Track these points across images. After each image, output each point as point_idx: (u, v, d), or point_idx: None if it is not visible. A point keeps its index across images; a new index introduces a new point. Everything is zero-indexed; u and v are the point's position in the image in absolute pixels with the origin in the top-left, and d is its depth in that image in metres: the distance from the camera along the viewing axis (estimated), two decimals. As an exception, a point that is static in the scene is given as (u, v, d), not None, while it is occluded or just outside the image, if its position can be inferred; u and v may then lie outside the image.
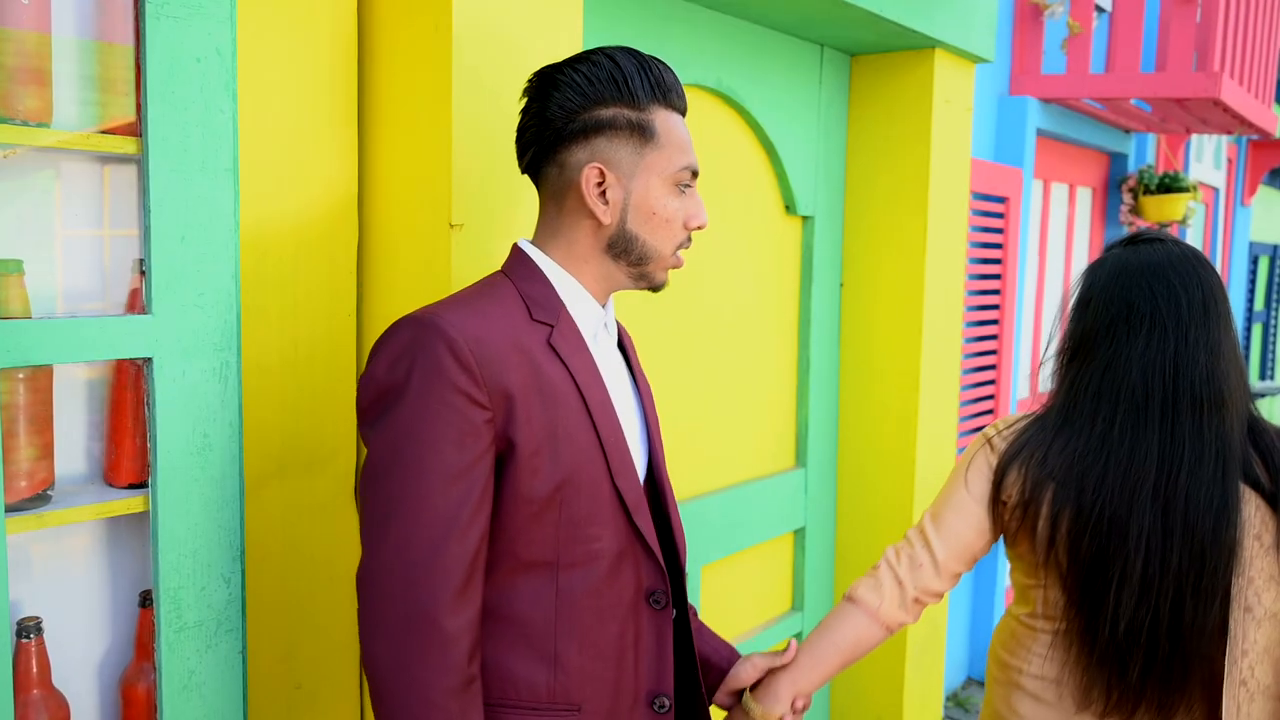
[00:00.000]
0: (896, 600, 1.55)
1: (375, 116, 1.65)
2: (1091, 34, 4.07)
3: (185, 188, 1.24)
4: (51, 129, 1.21)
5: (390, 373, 1.16)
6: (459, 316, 1.18)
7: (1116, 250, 1.59)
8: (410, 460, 1.13)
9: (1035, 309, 4.59)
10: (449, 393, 1.14)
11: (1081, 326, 1.55)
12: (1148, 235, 1.59)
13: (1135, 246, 1.56)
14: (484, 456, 1.16)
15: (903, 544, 1.59)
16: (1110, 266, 1.56)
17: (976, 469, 1.58)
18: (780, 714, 1.50)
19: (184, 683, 1.29)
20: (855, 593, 1.57)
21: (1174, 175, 4.88)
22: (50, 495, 1.26)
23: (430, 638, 1.11)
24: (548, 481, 1.20)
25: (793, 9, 2.33)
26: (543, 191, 1.33)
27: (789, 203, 2.67)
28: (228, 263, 1.29)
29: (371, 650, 1.13)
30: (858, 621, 1.56)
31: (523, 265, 1.30)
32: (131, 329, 1.22)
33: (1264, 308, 9.22)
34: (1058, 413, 1.54)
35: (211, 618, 1.31)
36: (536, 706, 1.23)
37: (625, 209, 1.28)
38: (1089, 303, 1.55)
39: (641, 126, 1.27)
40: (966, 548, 1.57)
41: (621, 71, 1.25)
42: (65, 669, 1.31)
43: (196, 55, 1.23)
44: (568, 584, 1.24)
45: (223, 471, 1.31)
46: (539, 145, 1.29)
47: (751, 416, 2.63)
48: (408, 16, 1.57)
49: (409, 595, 1.12)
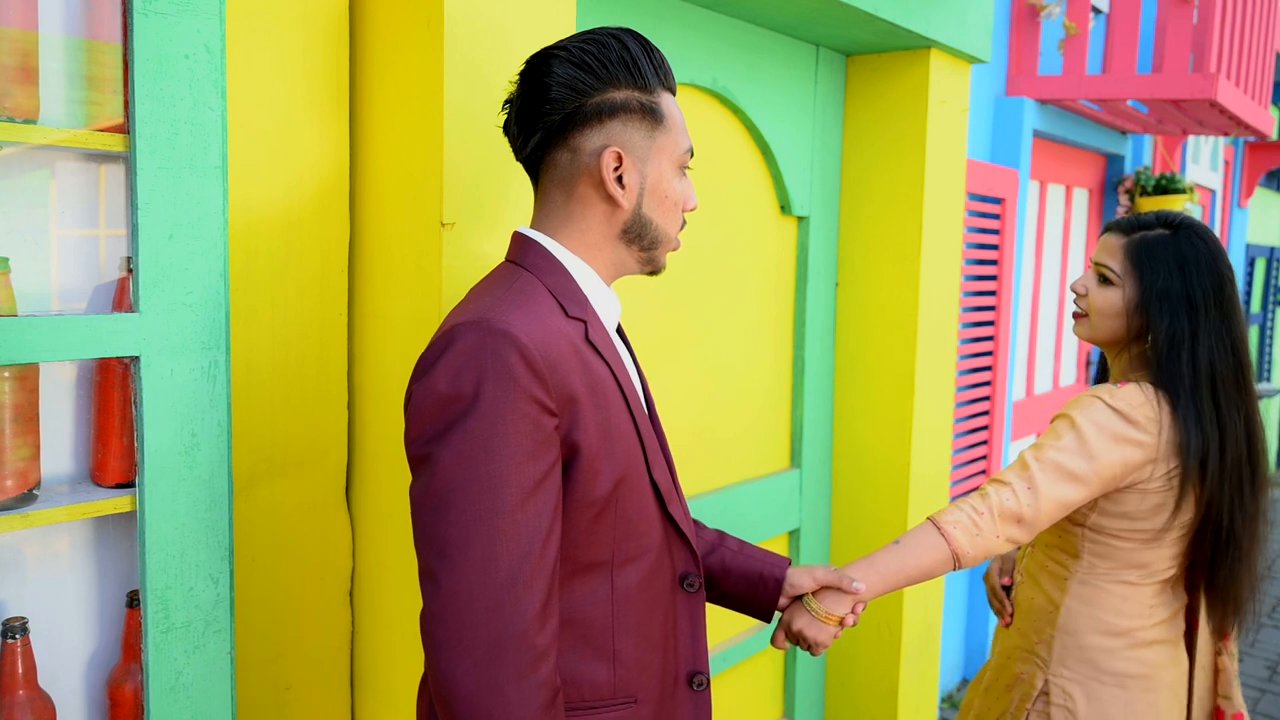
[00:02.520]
0: (977, 542, 1.63)
1: (367, 114, 1.64)
2: (1088, 35, 4.07)
3: (173, 185, 1.23)
4: (39, 126, 1.20)
5: (455, 383, 1.08)
6: (520, 320, 1.12)
7: (1191, 228, 1.75)
8: (485, 476, 1.07)
9: (1031, 310, 4.59)
10: (523, 402, 1.09)
11: (1184, 307, 1.70)
12: (1182, 218, 1.77)
13: (1194, 227, 1.75)
14: (555, 465, 1.13)
15: (1003, 487, 1.66)
16: (1207, 247, 1.73)
17: (1128, 458, 1.66)
18: (842, 615, 1.57)
19: (171, 683, 1.28)
20: (942, 522, 1.64)
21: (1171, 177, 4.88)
22: (37, 495, 1.25)
23: (523, 657, 1.07)
24: (606, 482, 1.19)
25: (788, 8, 2.32)
26: (547, 177, 1.28)
27: (784, 203, 2.66)
28: (216, 261, 1.28)
29: (454, 677, 1.05)
30: (934, 550, 1.63)
31: (543, 258, 1.25)
32: (119, 327, 1.21)
33: (1260, 310, 9.23)
34: (1188, 391, 1.68)
35: (199, 618, 1.30)
36: (598, 705, 1.23)
37: (641, 193, 1.26)
38: (1202, 288, 1.71)
39: (652, 109, 1.25)
40: (1067, 508, 1.68)
41: (630, 54, 1.23)
42: (51, 670, 1.31)
43: (185, 52, 1.23)
44: (622, 581, 1.24)
45: (211, 471, 1.30)
46: (546, 130, 1.24)
47: (746, 417, 2.63)
48: (400, 14, 1.56)
49: (497, 616, 1.06)
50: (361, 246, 1.67)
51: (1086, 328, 1.84)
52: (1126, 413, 1.67)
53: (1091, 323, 1.82)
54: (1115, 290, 1.77)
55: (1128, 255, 1.76)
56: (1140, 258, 1.74)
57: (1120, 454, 1.66)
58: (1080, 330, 1.86)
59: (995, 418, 3.96)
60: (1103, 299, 1.79)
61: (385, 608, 1.68)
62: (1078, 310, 1.86)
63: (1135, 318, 1.76)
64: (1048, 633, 1.81)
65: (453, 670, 1.05)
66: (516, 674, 1.06)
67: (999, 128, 4.08)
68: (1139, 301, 1.74)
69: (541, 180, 1.29)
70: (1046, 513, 1.65)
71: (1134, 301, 1.75)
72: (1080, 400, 1.72)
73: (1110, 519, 1.73)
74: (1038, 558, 1.87)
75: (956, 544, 1.62)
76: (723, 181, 2.45)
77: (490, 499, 1.07)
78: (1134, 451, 1.66)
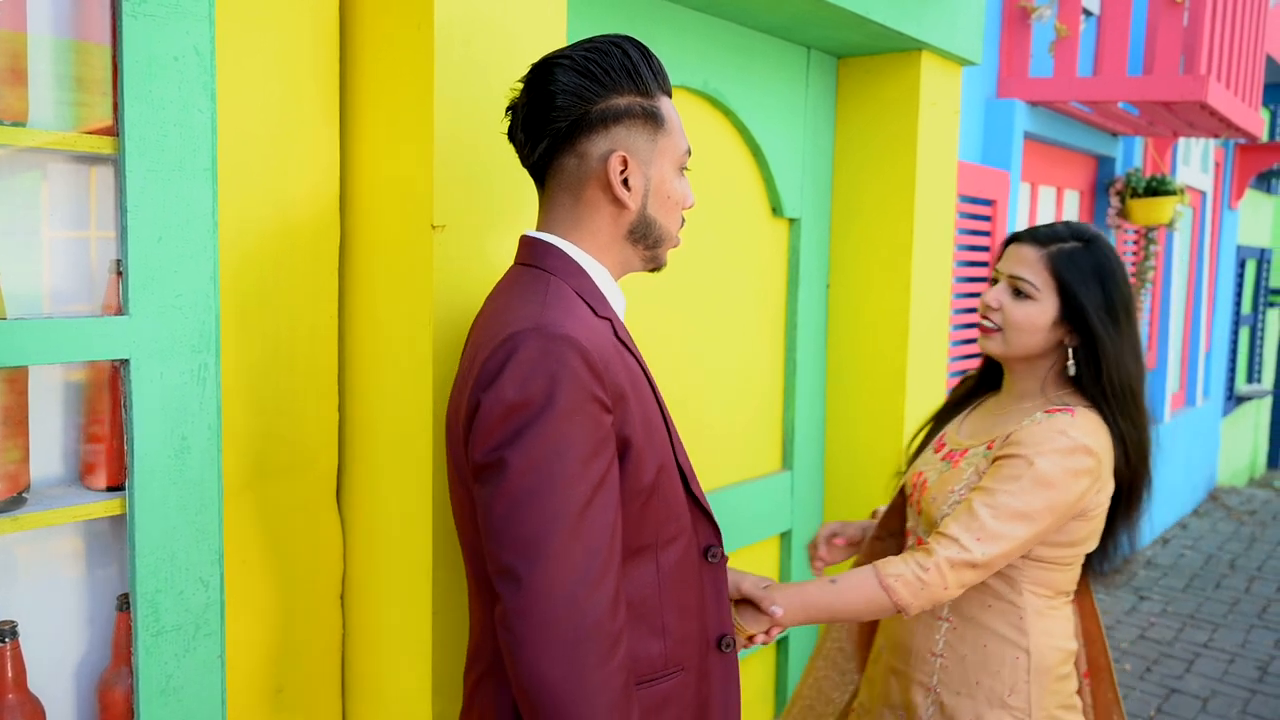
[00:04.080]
0: (922, 594, 1.60)
1: (357, 116, 1.64)
2: (1079, 37, 4.08)
3: (163, 188, 1.23)
4: (27, 129, 1.20)
5: (522, 389, 1.14)
6: (572, 323, 1.18)
7: (1102, 244, 1.71)
8: (559, 476, 1.13)
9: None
10: (587, 403, 1.15)
11: (1107, 320, 1.67)
12: (1090, 230, 1.74)
13: (1102, 238, 1.72)
14: (614, 460, 1.19)
15: (949, 543, 1.60)
16: (1116, 259, 1.71)
17: (1086, 490, 1.64)
18: (753, 633, 1.58)
19: (162, 687, 1.28)
20: (885, 575, 1.60)
21: (1161, 178, 4.89)
22: (26, 498, 1.25)
23: (602, 645, 1.13)
24: (650, 471, 1.26)
25: (779, 11, 2.32)
26: (554, 182, 1.33)
27: (775, 205, 2.66)
28: (206, 263, 1.27)
29: (540, 669, 1.11)
30: (872, 600, 1.60)
31: (563, 261, 1.30)
32: (108, 330, 1.21)
33: (1251, 311, 9.26)
34: (1116, 410, 1.68)
35: (190, 621, 1.30)
36: (654, 677, 1.29)
37: (646, 194, 1.32)
38: (1119, 300, 1.69)
39: (653, 114, 1.31)
40: (1026, 546, 1.65)
41: (631, 61, 1.29)
42: (41, 673, 1.30)
43: (174, 54, 1.22)
44: (665, 560, 1.31)
45: (201, 474, 1.29)
46: (553, 136, 1.29)
47: (738, 419, 2.63)
48: (390, 16, 1.56)
49: (576, 609, 1.12)
50: (352, 249, 1.67)
51: (1000, 343, 1.74)
52: (1090, 446, 1.63)
53: (1006, 338, 1.73)
54: (1034, 304, 1.69)
55: (1048, 268, 1.69)
56: (1062, 271, 1.68)
57: (1079, 487, 1.63)
58: (992, 346, 1.76)
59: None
60: (1022, 313, 1.70)
61: (376, 610, 1.68)
62: (989, 325, 1.75)
63: (1055, 332, 1.70)
64: (1022, 682, 1.70)
65: (538, 663, 1.11)
66: (598, 661, 1.12)
67: (990, 129, 4.09)
68: (1061, 315, 1.69)
69: (548, 184, 1.34)
70: (1004, 554, 1.60)
71: (1056, 315, 1.69)
72: (1035, 434, 1.64)
73: (1053, 548, 1.69)
74: (970, 603, 1.74)
75: (899, 598, 1.59)
76: (714, 184, 2.45)
77: (564, 498, 1.13)
78: (1090, 482, 1.64)
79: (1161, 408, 6.34)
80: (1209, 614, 5.25)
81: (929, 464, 1.84)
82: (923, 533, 1.79)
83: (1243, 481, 9.03)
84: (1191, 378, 7.06)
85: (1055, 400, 1.73)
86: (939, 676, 1.75)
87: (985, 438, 1.76)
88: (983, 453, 1.73)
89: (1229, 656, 4.68)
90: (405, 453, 1.59)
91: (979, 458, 1.72)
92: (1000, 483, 1.62)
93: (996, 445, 1.70)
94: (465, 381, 1.24)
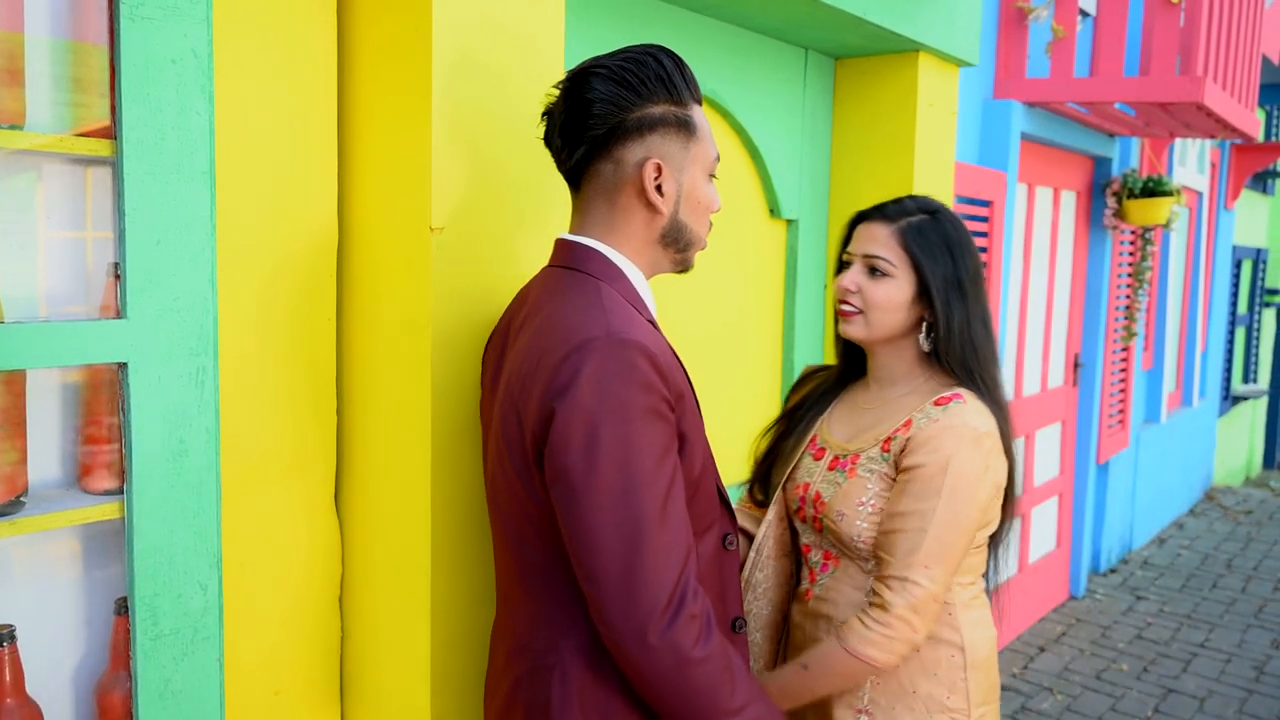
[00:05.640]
0: (895, 647, 1.56)
1: (356, 118, 1.64)
2: (1075, 38, 4.08)
3: (161, 191, 1.23)
4: (24, 132, 1.20)
5: (600, 395, 1.19)
6: (636, 329, 1.24)
7: (947, 215, 1.68)
8: (640, 474, 1.19)
9: (1019, 313, 4.60)
10: (658, 403, 1.22)
11: (958, 293, 1.64)
12: (934, 202, 1.70)
13: (947, 210, 1.70)
14: (677, 456, 1.26)
15: (905, 586, 1.54)
16: (963, 229, 1.68)
17: (1000, 470, 1.62)
18: None
19: (160, 691, 1.28)
20: (855, 647, 1.56)
21: (1158, 179, 4.89)
22: (24, 501, 1.24)
23: (695, 619, 1.21)
24: (698, 464, 1.33)
25: (777, 12, 2.33)
26: (590, 187, 1.37)
27: (773, 206, 2.67)
28: (204, 266, 1.27)
29: (659, 662, 1.19)
30: (852, 674, 1.58)
31: (607, 266, 1.35)
32: (106, 333, 1.20)
33: (1247, 311, 9.27)
34: (985, 383, 1.65)
35: (188, 625, 1.30)
36: None
37: (679, 200, 1.37)
38: (968, 271, 1.65)
39: (686, 122, 1.36)
40: (965, 553, 1.61)
41: (665, 71, 1.33)
42: (39, 677, 1.30)
43: (172, 57, 1.22)
44: (701, 548, 1.37)
45: (199, 477, 1.29)
46: (590, 143, 1.33)
47: (735, 420, 2.63)
48: (388, 18, 1.56)
49: (676, 598, 1.19)
50: (350, 251, 1.67)
51: (862, 326, 1.68)
52: (990, 430, 1.60)
53: (869, 320, 1.67)
54: (893, 282, 1.65)
55: (901, 243, 1.64)
56: (916, 245, 1.64)
57: (997, 474, 1.61)
58: (854, 330, 1.69)
59: (984, 420, 3.97)
60: (881, 293, 1.65)
61: (375, 613, 1.68)
62: (849, 309, 1.69)
63: (915, 309, 1.66)
64: (960, 680, 1.65)
65: (656, 655, 1.19)
66: (702, 636, 1.21)
67: (987, 130, 4.09)
68: (918, 291, 1.64)
69: (584, 189, 1.39)
70: (954, 569, 1.58)
71: (914, 292, 1.64)
72: (937, 438, 1.58)
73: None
74: None
75: (875, 660, 1.55)
76: (712, 185, 2.45)
77: (650, 496, 1.19)
78: (1000, 461, 1.62)
79: (1158, 408, 6.35)
80: (1205, 614, 5.25)
81: (813, 474, 1.74)
82: (836, 551, 1.70)
83: (1239, 481, 9.05)
84: (1188, 378, 7.07)
85: (929, 385, 1.68)
86: (870, 695, 1.65)
87: (872, 436, 1.68)
88: (878, 456, 1.65)
89: (1225, 656, 4.69)
90: (404, 455, 1.59)
91: (877, 462, 1.64)
92: (921, 501, 1.56)
93: (894, 448, 1.63)
94: (525, 384, 1.26)
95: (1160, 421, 6.39)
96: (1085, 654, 4.66)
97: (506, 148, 1.61)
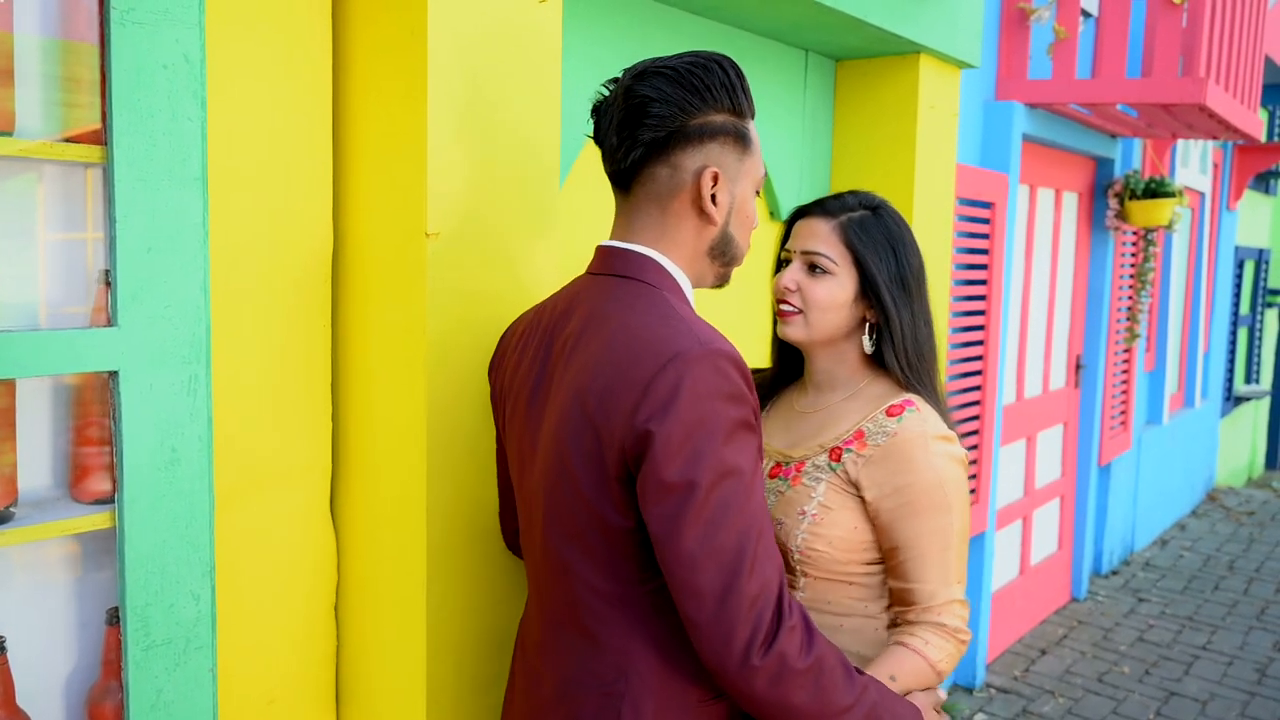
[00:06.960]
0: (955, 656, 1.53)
1: (351, 123, 1.63)
2: (1077, 39, 4.07)
3: (152, 197, 1.21)
4: (13, 138, 1.19)
5: (700, 410, 1.16)
6: (720, 339, 1.22)
7: (889, 210, 1.63)
8: (744, 488, 1.18)
9: (1021, 315, 4.59)
10: (749, 414, 1.21)
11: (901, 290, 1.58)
12: (875, 198, 1.65)
13: (888, 205, 1.64)
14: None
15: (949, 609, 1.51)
16: (905, 225, 1.63)
17: (965, 459, 1.58)
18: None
19: (152, 701, 1.27)
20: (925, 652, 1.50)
21: (1160, 180, 4.88)
22: (14, 512, 1.23)
23: (794, 630, 1.19)
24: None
25: (777, 14, 2.31)
26: (642, 191, 1.31)
27: (773, 208, 2.65)
28: (196, 273, 1.26)
29: (786, 670, 1.18)
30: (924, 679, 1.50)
31: (665, 276, 1.31)
32: (97, 341, 1.19)
33: (1249, 312, 9.25)
34: (930, 384, 1.61)
35: (180, 635, 1.28)
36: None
37: (730, 212, 1.34)
38: (911, 269, 1.60)
39: (744, 135, 1.33)
40: None
41: (730, 80, 1.30)
42: (30, 688, 1.29)
43: (163, 62, 1.21)
44: None
45: (191, 486, 1.28)
46: (649, 145, 1.28)
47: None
48: (383, 22, 1.55)
49: (775, 611, 1.18)
50: (345, 257, 1.66)
51: (802, 327, 1.59)
52: (943, 431, 1.55)
53: (809, 320, 1.58)
54: (834, 280, 1.57)
55: (843, 239, 1.57)
56: (858, 241, 1.56)
57: (965, 464, 1.58)
58: (794, 331, 1.60)
59: (986, 421, 3.96)
60: (823, 292, 1.57)
61: (370, 621, 1.67)
62: (789, 309, 1.60)
63: (856, 308, 1.58)
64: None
65: (745, 670, 1.16)
66: (799, 647, 1.18)
67: (989, 132, 4.08)
68: (861, 290, 1.57)
69: (634, 192, 1.33)
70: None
71: (856, 290, 1.57)
72: (909, 456, 1.52)
73: None
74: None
75: (946, 672, 1.51)
76: (711, 188, 2.44)
77: (754, 509, 1.19)
78: (963, 451, 1.59)
79: (1160, 409, 6.34)
80: (1208, 616, 5.24)
81: None
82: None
83: (1241, 482, 9.03)
84: (1190, 378, 7.06)
85: (872, 389, 1.62)
86: None
87: (816, 444, 1.61)
88: (826, 464, 1.57)
89: (1228, 659, 4.68)
90: (399, 462, 1.58)
91: (825, 470, 1.57)
92: (935, 519, 1.51)
93: (848, 461, 1.56)
94: (605, 399, 1.20)
95: (1162, 422, 6.38)
96: (1087, 656, 4.65)
97: (503, 152, 1.59)
